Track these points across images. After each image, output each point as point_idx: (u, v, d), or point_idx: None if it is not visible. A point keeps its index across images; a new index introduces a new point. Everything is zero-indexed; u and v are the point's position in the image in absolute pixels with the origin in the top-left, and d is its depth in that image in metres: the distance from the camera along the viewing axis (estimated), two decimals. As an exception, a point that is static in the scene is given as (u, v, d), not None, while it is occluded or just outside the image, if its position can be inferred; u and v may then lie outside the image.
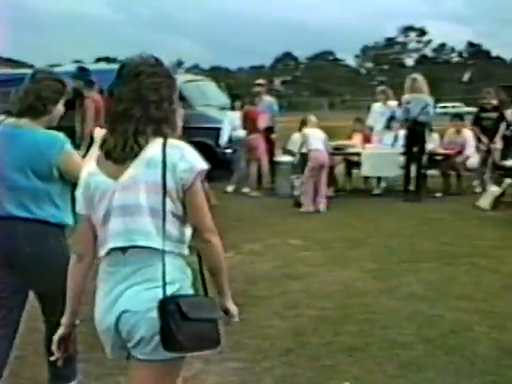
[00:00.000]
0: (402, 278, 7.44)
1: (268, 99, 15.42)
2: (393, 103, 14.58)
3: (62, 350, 3.23)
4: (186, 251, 3.04)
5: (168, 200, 2.90)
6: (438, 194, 13.64)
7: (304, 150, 12.22)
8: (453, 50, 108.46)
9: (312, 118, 12.53)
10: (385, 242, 9.37)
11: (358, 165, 14.28)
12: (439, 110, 71.57)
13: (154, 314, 2.84)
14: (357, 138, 14.84)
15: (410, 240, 9.39)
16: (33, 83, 4.29)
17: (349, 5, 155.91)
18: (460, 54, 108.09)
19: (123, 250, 2.96)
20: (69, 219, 4.23)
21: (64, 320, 3.22)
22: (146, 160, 2.92)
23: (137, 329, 2.91)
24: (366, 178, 14.92)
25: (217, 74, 67.73)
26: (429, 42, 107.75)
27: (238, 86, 66.23)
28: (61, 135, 4.21)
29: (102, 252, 3.03)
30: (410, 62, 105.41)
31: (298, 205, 12.04)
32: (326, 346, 5.50)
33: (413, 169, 13.04)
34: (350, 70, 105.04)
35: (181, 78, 19.78)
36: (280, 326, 5.91)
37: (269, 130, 14.83)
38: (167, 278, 2.88)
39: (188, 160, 2.95)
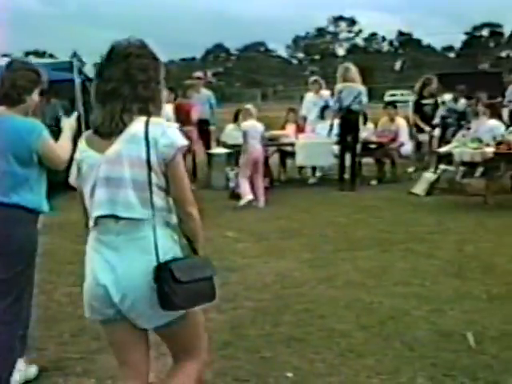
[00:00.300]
0: (339, 267, 7.46)
1: (206, 92, 15.37)
2: (325, 93, 14.68)
3: None
4: (174, 220, 3.26)
5: (152, 174, 3.10)
6: (373, 182, 13.78)
7: (239, 142, 12.16)
8: (384, 39, 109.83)
9: (251, 109, 12.15)
10: (320, 231, 9.40)
11: (292, 155, 14.32)
12: (388, 99, 72.71)
13: (151, 286, 3.09)
14: (290, 129, 14.86)
15: (346, 229, 9.44)
16: (8, 72, 4.44)
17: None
18: (391, 43, 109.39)
19: (116, 219, 3.15)
20: (44, 206, 4.49)
21: None
22: (130, 136, 3.12)
23: (137, 304, 3.15)
24: (301, 168, 14.98)
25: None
26: (359, 31, 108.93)
27: (169, 78, 65.95)
28: (39, 122, 4.46)
29: (91, 222, 3.24)
30: (341, 51, 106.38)
31: (234, 197, 11.98)
32: (265, 337, 5.47)
33: (347, 158, 13.12)
34: (281, 61, 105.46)
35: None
36: (218, 319, 5.85)
37: (204, 123, 14.75)
38: (159, 249, 3.12)
39: (169, 136, 3.12)
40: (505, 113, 15.66)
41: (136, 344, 3.37)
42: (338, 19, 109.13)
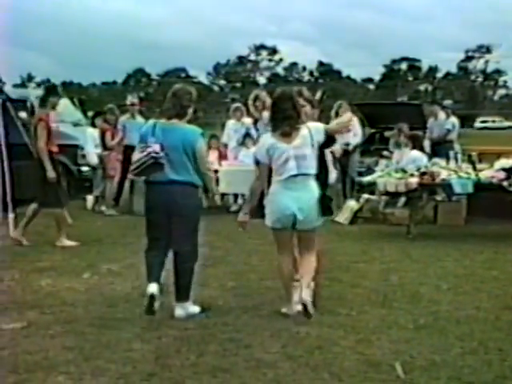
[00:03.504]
0: (264, 296, 7.40)
1: (140, 119, 15.29)
2: (247, 120, 14.65)
3: None
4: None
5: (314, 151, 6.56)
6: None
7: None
8: (304, 68, 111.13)
9: None
10: (245, 259, 9.34)
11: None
12: (479, 125, 73.24)
13: (316, 205, 6.52)
14: (213, 155, 14.79)
15: (271, 257, 9.24)
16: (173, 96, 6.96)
17: (199, 22, 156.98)
18: (311, 73, 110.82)
19: (296, 176, 6.47)
20: (199, 182, 6.82)
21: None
22: (303, 136, 6.48)
23: (305, 215, 6.48)
24: (223, 195, 14.90)
25: (69, 89, 66.35)
26: (280, 60, 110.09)
27: (90, 101, 65.17)
28: (199, 129, 6.90)
29: (282, 177, 6.50)
30: (262, 79, 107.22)
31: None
32: (191, 367, 5.35)
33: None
34: (202, 88, 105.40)
35: (32, 93, 19.25)
36: (142, 349, 5.71)
37: (129, 148, 14.66)
38: (316, 190, 6.57)
39: (319, 131, 6.60)
40: (426, 144, 15.97)
41: (290, 239, 6.74)
42: (259, 48, 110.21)
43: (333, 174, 7.78)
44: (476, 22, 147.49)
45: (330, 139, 6.73)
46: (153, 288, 6.57)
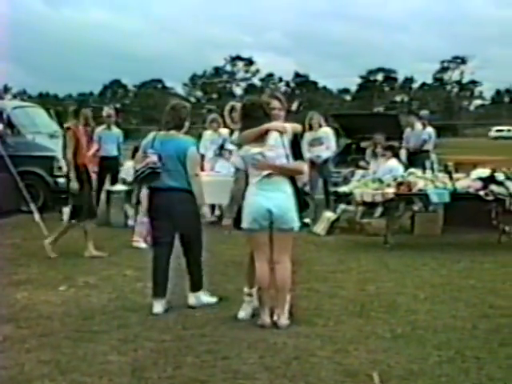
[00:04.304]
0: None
1: (116, 130, 15.29)
2: (224, 131, 14.64)
3: None
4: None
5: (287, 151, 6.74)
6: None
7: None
8: (280, 79, 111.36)
9: None
10: (222, 270, 9.31)
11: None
12: (494, 134, 71.39)
13: (292, 204, 6.67)
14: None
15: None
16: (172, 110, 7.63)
17: (175, 33, 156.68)
18: (287, 84, 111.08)
19: (269, 176, 6.60)
20: (191, 188, 7.36)
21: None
22: (274, 138, 6.63)
23: (281, 213, 6.58)
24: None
25: (45, 100, 66.10)
26: (256, 71, 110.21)
27: (66, 113, 64.92)
28: (192, 139, 7.82)
29: (257, 179, 6.63)
30: (238, 90, 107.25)
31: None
32: (168, 380, 5.34)
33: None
34: (179, 99, 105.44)
35: (8, 104, 19.17)
36: (119, 362, 5.68)
37: (111, 160, 14.68)
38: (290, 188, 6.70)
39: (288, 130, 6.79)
40: (403, 154, 16.04)
41: (267, 243, 6.70)
42: (235, 59, 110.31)
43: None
44: (451, 33, 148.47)
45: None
46: (157, 309, 7.29)
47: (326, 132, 14.28)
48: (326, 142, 14.00)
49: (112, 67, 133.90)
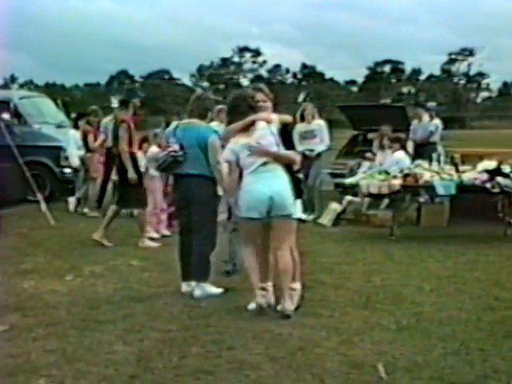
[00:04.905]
0: (247, 298, 7.31)
1: None
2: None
3: None
4: None
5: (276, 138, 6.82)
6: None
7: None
8: (287, 71, 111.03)
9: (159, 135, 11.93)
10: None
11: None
12: None
13: (289, 189, 6.71)
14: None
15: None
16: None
17: (182, 24, 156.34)
18: (294, 75, 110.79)
19: (265, 164, 6.66)
20: (210, 175, 7.54)
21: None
22: (262, 128, 6.71)
23: (282, 199, 6.62)
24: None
25: (52, 90, 66.06)
26: (264, 62, 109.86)
27: (73, 103, 64.97)
28: (213, 127, 8.20)
29: (252, 168, 6.70)
30: (245, 82, 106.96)
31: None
32: (173, 369, 5.35)
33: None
34: (185, 89, 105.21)
35: (15, 94, 19.20)
36: (124, 352, 5.70)
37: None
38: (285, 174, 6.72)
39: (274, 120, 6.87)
40: (410, 146, 16.00)
41: (260, 233, 6.81)
42: (242, 50, 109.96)
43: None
44: (460, 24, 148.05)
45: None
46: (185, 289, 7.66)
47: (320, 124, 13.72)
48: (319, 134, 13.53)
49: (119, 58, 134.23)
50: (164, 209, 11.59)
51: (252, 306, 6.93)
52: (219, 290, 7.62)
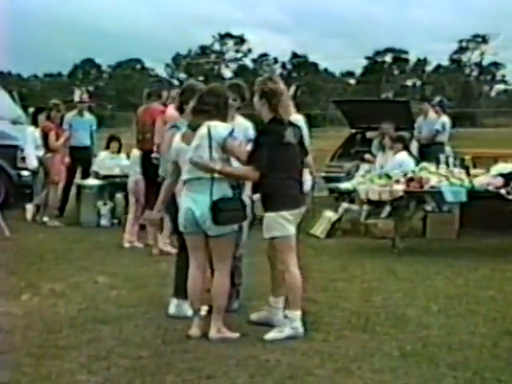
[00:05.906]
0: (228, 319, 7.32)
1: (89, 117, 15.30)
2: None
3: None
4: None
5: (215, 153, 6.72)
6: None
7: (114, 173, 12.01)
8: (276, 61, 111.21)
9: None
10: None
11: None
12: None
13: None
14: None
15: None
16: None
17: (156, 8, 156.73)
18: (283, 66, 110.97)
19: (190, 180, 6.81)
20: None
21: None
22: (200, 136, 6.71)
23: (205, 218, 6.69)
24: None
25: (6, 80, 65.83)
26: (249, 51, 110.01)
27: (32, 96, 64.60)
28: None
29: (186, 177, 6.85)
30: (228, 73, 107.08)
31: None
32: (145, 402, 5.33)
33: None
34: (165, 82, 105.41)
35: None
36: (88, 382, 5.67)
37: (83, 150, 14.68)
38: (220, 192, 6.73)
39: (220, 131, 6.78)
40: (414, 146, 16.03)
41: (200, 248, 6.96)
42: (224, 37, 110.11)
43: (307, 182, 7.83)
44: (471, 8, 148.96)
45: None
46: (172, 310, 7.66)
47: (298, 120, 13.76)
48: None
49: (84, 45, 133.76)
50: (138, 217, 11.59)
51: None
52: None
